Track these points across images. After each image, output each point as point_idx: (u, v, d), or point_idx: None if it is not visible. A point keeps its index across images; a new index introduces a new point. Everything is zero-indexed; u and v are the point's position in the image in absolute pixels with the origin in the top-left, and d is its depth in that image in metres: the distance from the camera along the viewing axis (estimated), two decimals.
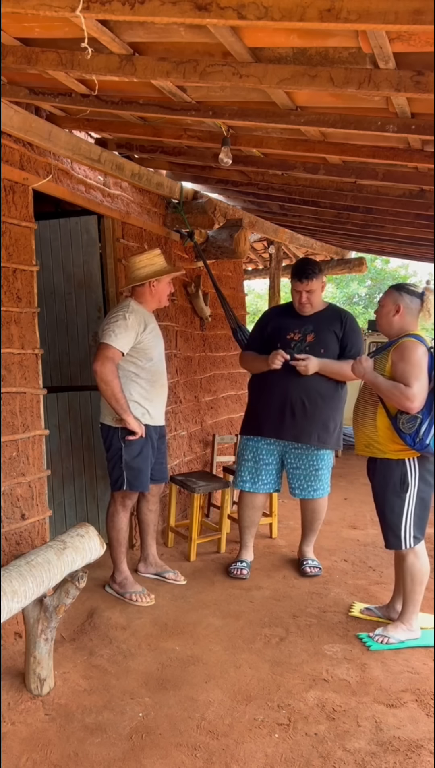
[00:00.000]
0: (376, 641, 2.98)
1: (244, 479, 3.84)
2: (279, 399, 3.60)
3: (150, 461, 3.47)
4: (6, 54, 2.31)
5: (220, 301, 4.77)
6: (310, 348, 3.57)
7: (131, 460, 3.36)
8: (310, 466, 3.75)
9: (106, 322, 3.29)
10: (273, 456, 3.80)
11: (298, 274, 3.59)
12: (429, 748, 2.26)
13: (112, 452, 3.40)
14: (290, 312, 3.74)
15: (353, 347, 3.64)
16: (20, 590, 2.25)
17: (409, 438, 2.80)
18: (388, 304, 2.97)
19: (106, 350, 3.21)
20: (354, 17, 1.66)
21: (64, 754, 2.23)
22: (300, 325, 3.65)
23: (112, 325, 3.25)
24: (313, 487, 3.78)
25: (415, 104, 2.40)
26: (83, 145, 3.29)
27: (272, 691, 2.61)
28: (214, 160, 3.55)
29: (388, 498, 2.95)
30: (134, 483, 3.38)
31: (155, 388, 3.46)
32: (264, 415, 3.69)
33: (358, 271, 7.90)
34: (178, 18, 1.79)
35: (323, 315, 3.69)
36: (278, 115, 2.65)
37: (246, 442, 3.87)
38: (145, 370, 3.39)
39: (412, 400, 2.75)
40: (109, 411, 3.36)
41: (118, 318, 3.27)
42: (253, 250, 8.25)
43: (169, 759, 2.21)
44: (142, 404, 3.39)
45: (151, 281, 3.39)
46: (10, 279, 2.95)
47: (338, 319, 3.68)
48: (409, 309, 2.92)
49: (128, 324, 3.26)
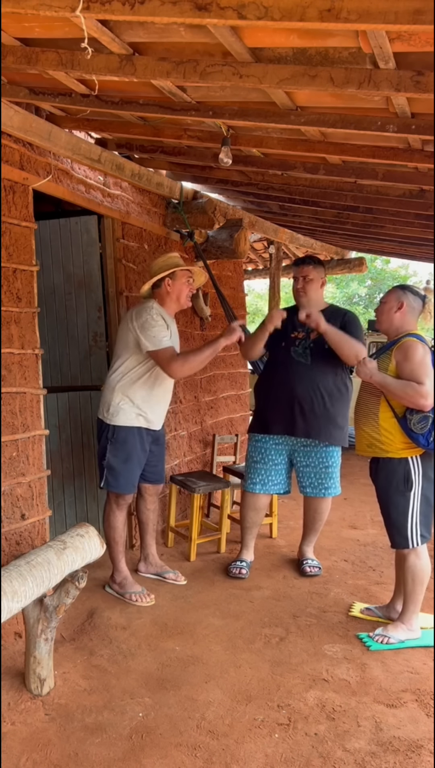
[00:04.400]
0: (376, 641, 2.98)
1: (253, 481, 3.85)
2: (288, 396, 3.65)
3: (138, 465, 3.45)
4: (6, 54, 2.31)
5: (220, 301, 4.77)
6: (314, 344, 3.65)
7: (113, 461, 3.35)
8: (320, 463, 3.79)
9: (141, 330, 3.25)
10: (282, 455, 3.82)
11: (298, 262, 3.79)
12: (429, 748, 2.26)
13: (100, 448, 3.42)
14: (294, 312, 3.79)
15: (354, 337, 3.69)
16: (20, 590, 2.25)
17: (422, 438, 2.81)
18: (391, 301, 3.00)
19: (162, 356, 3.23)
20: (354, 17, 1.66)
21: (64, 754, 2.23)
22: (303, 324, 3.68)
23: (148, 332, 3.24)
24: (325, 485, 3.82)
25: (415, 104, 2.40)
26: (83, 145, 3.29)
27: (272, 691, 2.61)
28: (214, 160, 3.55)
29: (392, 497, 2.95)
30: (112, 483, 3.37)
31: (158, 392, 3.43)
32: (273, 412, 3.73)
33: (358, 271, 7.90)
34: (178, 18, 1.79)
35: (324, 313, 3.72)
36: (278, 115, 2.65)
37: (254, 442, 3.88)
38: (156, 372, 3.37)
39: (426, 398, 2.78)
40: (101, 403, 3.39)
41: (149, 321, 3.26)
42: (253, 250, 8.24)
43: (169, 759, 2.21)
44: (141, 407, 3.36)
45: (166, 281, 3.40)
46: (10, 279, 2.95)
47: (339, 316, 3.75)
48: (412, 308, 2.96)
49: (158, 322, 3.28)
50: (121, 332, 3.40)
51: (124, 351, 3.35)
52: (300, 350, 3.66)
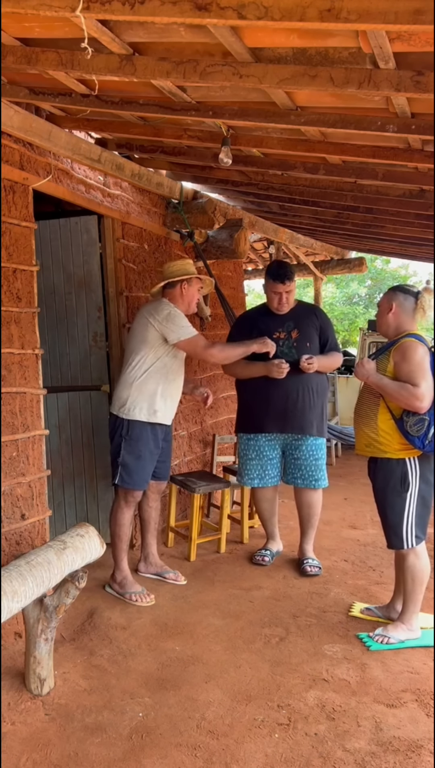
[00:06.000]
0: (376, 641, 2.98)
1: (251, 476, 3.99)
2: (279, 395, 3.76)
3: (151, 461, 3.49)
4: (6, 54, 2.31)
5: (220, 301, 4.78)
6: (297, 343, 3.79)
7: (128, 458, 3.39)
8: (310, 455, 3.92)
9: (167, 322, 3.33)
10: (275, 450, 3.97)
11: (280, 276, 3.77)
12: (429, 748, 2.26)
13: (114, 446, 3.46)
14: (267, 312, 3.93)
15: (329, 339, 3.91)
16: (20, 590, 2.25)
17: (418, 440, 2.81)
18: (383, 304, 3.03)
19: (197, 342, 3.37)
20: (354, 17, 1.66)
21: (64, 754, 2.23)
22: (281, 323, 3.84)
23: (175, 323, 3.33)
24: (315, 476, 3.94)
25: (415, 104, 2.40)
26: (83, 145, 3.29)
27: (272, 691, 2.61)
28: (214, 160, 3.55)
29: (388, 497, 2.95)
30: (127, 480, 3.41)
31: (172, 387, 3.50)
32: (264, 411, 3.83)
33: (358, 271, 7.91)
34: (178, 18, 1.79)
35: (297, 311, 3.90)
36: (278, 115, 2.65)
37: (247, 441, 3.99)
38: (171, 368, 3.45)
39: (420, 400, 2.77)
40: (115, 398, 3.42)
41: (173, 313, 3.35)
42: (253, 250, 8.24)
43: (169, 759, 2.21)
44: (157, 403, 3.40)
45: (182, 284, 3.46)
46: (10, 279, 2.95)
47: (312, 312, 3.97)
48: (403, 307, 2.95)
49: (179, 312, 3.38)
50: (136, 329, 3.43)
51: (142, 347, 3.38)
52: (285, 349, 3.77)
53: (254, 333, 3.81)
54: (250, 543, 4.36)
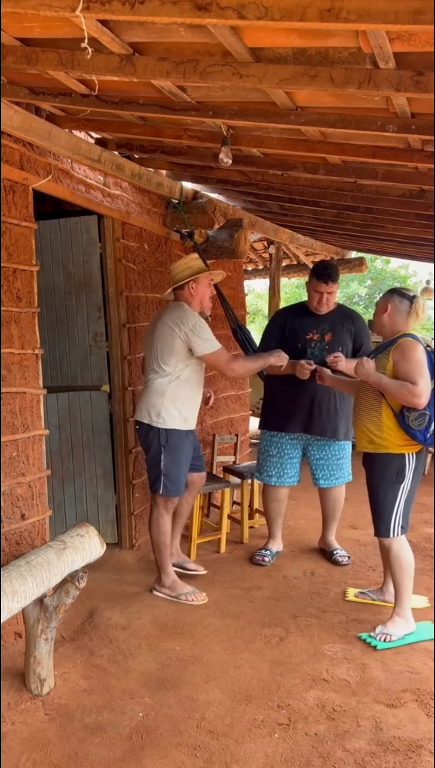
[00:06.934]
0: (379, 640, 3.00)
1: (269, 474, 4.03)
2: (306, 397, 3.80)
3: (187, 465, 3.51)
4: (6, 54, 2.31)
5: (220, 301, 4.77)
6: (329, 347, 3.80)
7: (171, 468, 3.39)
8: (333, 456, 3.97)
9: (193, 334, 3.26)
10: (296, 450, 4.01)
11: (324, 276, 3.75)
12: (429, 748, 2.26)
13: (151, 455, 3.42)
14: (304, 312, 3.92)
15: (364, 345, 3.89)
16: (20, 590, 2.25)
17: (420, 434, 2.91)
18: (379, 305, 3.13)
19: (222, 357, 3.33)
20: (354, 17, 1.66)
21: (64, 754, 2.23)
22: (316, 324, 3.84)
23: (201, 335, 3.28)
24: (336, 475, 4.01)
25: (415, 104, 2.40)
26: (83, 145, 3.29)
27: (272, 691, 2.61)
28: (214, 160, 3.55)
29: (383, 487, 3.04)
30: (171, 489, 3.42)
31: (196, 393, 3.48)
32: (290, 412, 3.87)
33: (358, 271, 7.91)
34: (178, 18, 1.79)
35: (335, 314, 3.90)
36: (278, 115, 2.65)
37: (270, 438, 4.03)
38: (198, 375, 3.44)
39: (419, 397, 2.87)
40: (145, 407, 3.38)
41: (199, 324, 3.30)
42: (253, 250, 8.24)
43: (169, 759, 2.21)
44: (183, 410, 3.38)
45: (190, 284, 3.43)
46: (10, 279, 2.95)
47: (349, 317, 3.93)
48: (398, 309, 3.05)
49: (203, 324, 3.33)
50: (160, 336, 3.34)
51: (171, 356, 3.31)
52: (317, 352, 3.78)
53: (287, 331, 3.84)
54: (250, 543, 4.36)
